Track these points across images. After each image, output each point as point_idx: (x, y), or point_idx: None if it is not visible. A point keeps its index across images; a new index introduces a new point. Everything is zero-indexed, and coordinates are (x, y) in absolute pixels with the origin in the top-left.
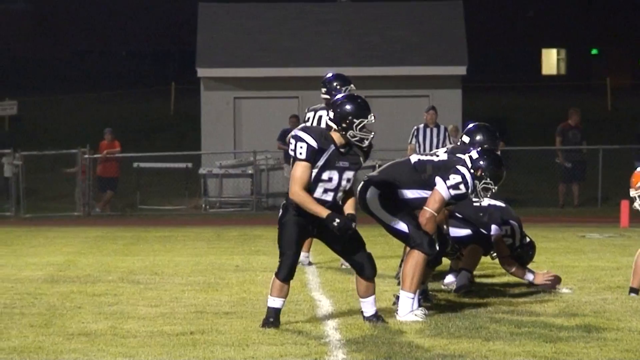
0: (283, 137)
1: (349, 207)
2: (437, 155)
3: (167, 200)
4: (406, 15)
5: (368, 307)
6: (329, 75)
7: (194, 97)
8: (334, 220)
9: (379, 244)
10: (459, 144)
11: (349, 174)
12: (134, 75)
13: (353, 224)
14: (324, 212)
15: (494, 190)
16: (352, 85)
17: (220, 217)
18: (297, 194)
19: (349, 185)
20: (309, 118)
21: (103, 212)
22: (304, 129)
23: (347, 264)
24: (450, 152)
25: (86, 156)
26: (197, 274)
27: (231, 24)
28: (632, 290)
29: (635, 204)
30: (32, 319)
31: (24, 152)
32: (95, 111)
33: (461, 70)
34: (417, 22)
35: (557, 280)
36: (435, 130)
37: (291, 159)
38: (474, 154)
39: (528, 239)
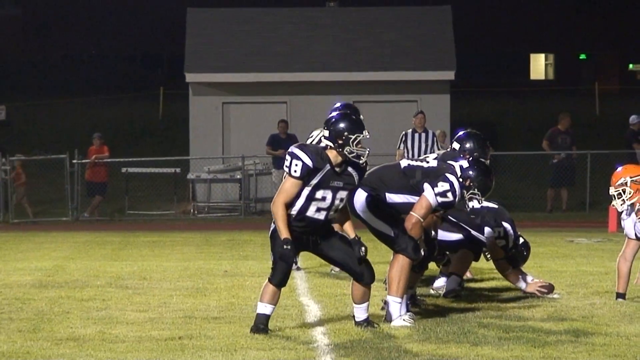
0: (272, 143)
1: (348, 229)
2: (427, 162)
3: (155, 205)
4: (395, 20)
5: (361, 312)
6: (338, 104)
7: (182, 102)
8: (284, 245)
9: (368, 249)
10: (448, 150)
11: (342, 194)
12: (123, 80)
13: (363, 249)
14: (284, 234)
15: (481, 201)
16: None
17: (208, 222)
18: (278, 206)
19: (342, 205)
20: (312, 136)
21: (92, 217)
22: (301, 147)
23: (337, 269)
24: (441, 159)
25: (74, 161)
26: (186, 279)
27: (220, 29)
28: (619, 295)
29: (614, 202)
30: (21, 324)
31: (12, 157)
32: (83, 116)
33: (449, 75)
34: (405, 27)
35: (550, 289)
36: (423, 135)
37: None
38: (465, 163)
39: (522, 240)
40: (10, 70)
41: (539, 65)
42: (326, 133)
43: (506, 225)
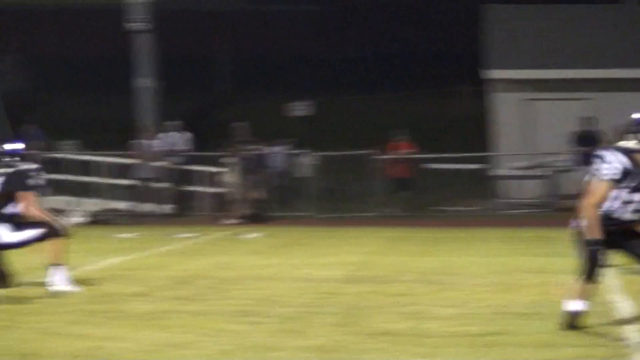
0: (577, 140)
1: None
2: None
3: (459, 201)
4: None
5: None
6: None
7: (484, 98)
8: (595, 244)
9: None
10: None
11: None
12: (427, 77)
13: None
14: (595, 234)
15: None
16: None
17: (512, 218)
18: (589, 208)
19: None
20: None
21: (397, 213)
22: (612, 150)
23: None
24: None
25: (379, 157)
26: (492, 274)
27: (517, 25)
28: None
29: None
30: (333, 318)
31: (320, 152)
32: (388, 111)
33: None
34: None
35: None
36: None
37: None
38: None
39: None
40: (316, 67)
41: None
42: (633, 137)
43: None
